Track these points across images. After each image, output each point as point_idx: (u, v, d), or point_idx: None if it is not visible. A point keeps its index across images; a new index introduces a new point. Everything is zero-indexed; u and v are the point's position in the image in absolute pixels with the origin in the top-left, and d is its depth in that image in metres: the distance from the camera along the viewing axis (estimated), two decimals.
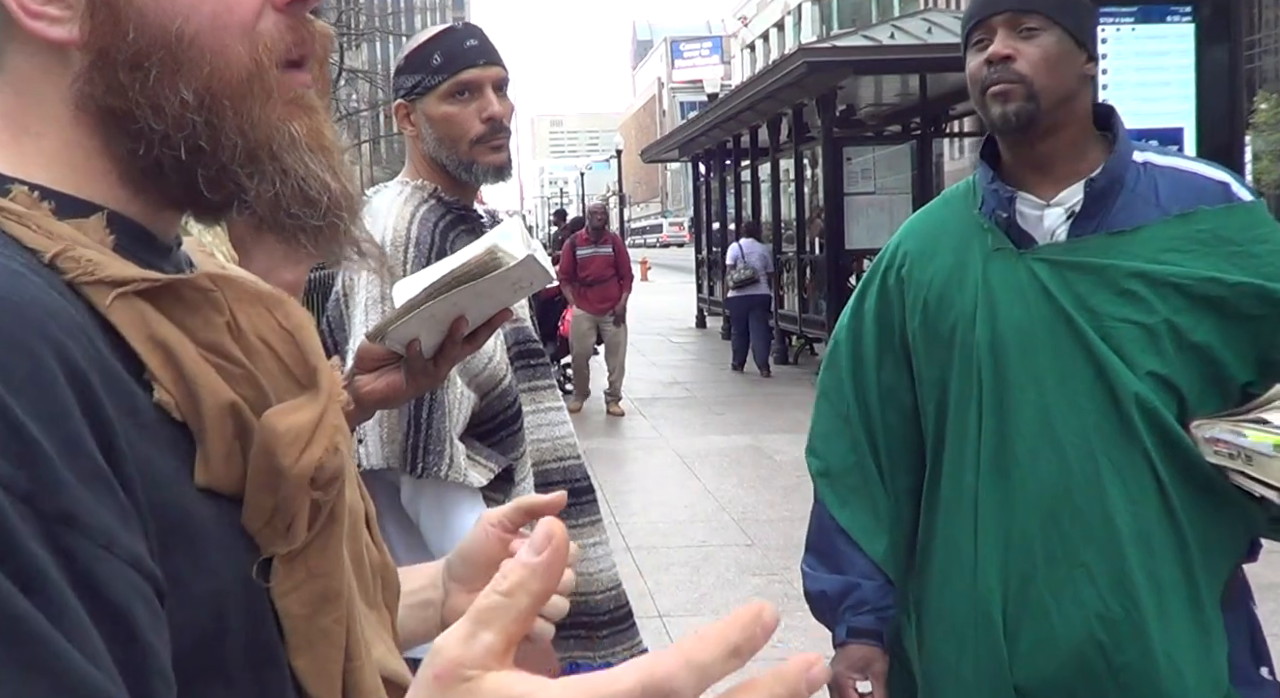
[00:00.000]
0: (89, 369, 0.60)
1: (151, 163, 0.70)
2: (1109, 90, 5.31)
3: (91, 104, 0.69)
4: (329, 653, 0.72)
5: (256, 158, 0.71)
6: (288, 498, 0.69)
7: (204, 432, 0.66)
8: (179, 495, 0.64)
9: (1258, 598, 1.83)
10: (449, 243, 1.95)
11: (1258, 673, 1.73)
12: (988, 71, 1.69)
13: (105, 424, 0.60)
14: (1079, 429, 1.67)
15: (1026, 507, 1.70)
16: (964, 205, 1.85)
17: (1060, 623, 1.67)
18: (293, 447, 0.68)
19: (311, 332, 0.75)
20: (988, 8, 1.72)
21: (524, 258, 1.36)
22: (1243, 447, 1.56)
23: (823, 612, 1.91)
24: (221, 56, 0.70)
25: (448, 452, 1.85)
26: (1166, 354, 1.65)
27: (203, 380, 0.66)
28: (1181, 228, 1.67)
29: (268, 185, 0.71)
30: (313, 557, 0.71)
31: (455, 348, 1.47)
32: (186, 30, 0.69)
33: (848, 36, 14.37)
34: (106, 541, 0.57)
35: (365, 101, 34.93)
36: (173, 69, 0.69)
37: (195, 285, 0.68)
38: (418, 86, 2.02)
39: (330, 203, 0.73)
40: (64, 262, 0.64)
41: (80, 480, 0.57)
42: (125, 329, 0.64)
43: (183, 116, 0.69)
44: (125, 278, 0.65)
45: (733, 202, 18.31)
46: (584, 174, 77.57)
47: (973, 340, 1.74)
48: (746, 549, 6.03)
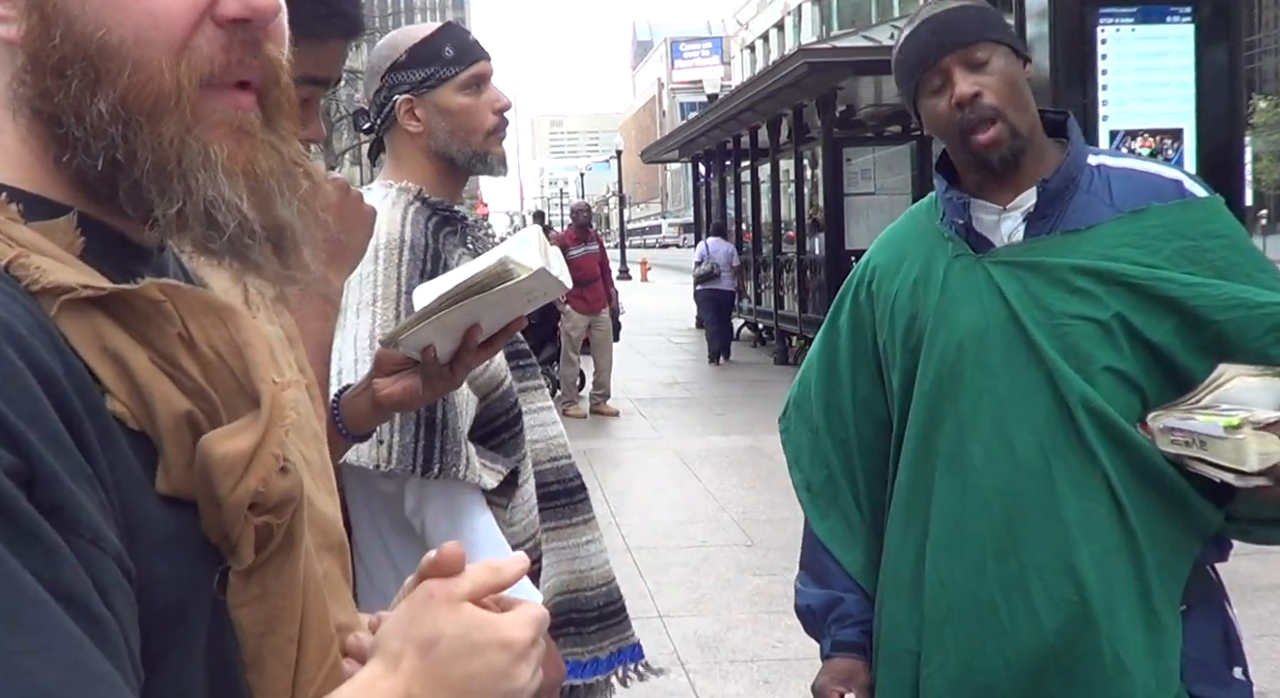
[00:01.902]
0: (55, 369, 0.60)
1: (75, 171, 0.69)
2: (1109, 90, 5.31)
3: (25, 106, 0.69)
4: (278, 671, 0.73)
5: (165, 174, 0.70)
6: (229, 524, 0.68)
7: (161, 441, 0.66)
8: (143, 501, 0.64)
9: (1257, 599, 1.83)
10: (441, 243, 1.95)
11: (1229, 673, 1.73)
12: (961, 114, 1.70)
13: (78, 422, 0.60)
14: (1031, 429, 1.69)
15: (978, 506, 1.71)
16: (927, 217, 1.88)
17: (1009, 620, 1.69)
18: (228, 476, 0.67)
19: (260, 348, 0.73)
20: (937, 49, 1.72)
21: (537, 270, 1.37)
22: (1195, 432, 1.56)
23: (810, 626, 1.96)
24: (141, 70, 0.68)
25: (464, 451, 1.84)
26: (1122, 349, 1.66)
27: (157, 391, 0.66)
28: (1133, 224, 1.70)
29: (173, 203, 0.70)
30: (269, 575, 0.71)
31: (470, 354, 1.49)
32: (109, 41, 0.68)
33: (848, 37, 14.38)
34: (94, 535, 0.58)
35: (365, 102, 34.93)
36: (93, 79, 0.68)
37: (144, 296, 0.67)
38: (429, 79, 1.99)
39: (239, 228, 0.71)
40: (15, 269, 0.63)
41: (69, 475, 0.57)
42: (75, 339, 0.63)
43: (100, 127, 0.68)
44: (66, 286, 0.64)
45: (733, 202, 18.31)
46: (584, 174, 77.63)
47: (933, 345, 1.77)
48: (746, 549, 6.03)
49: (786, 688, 4.23)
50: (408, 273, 1.87)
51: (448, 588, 0.74)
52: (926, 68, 1.73)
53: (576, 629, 2.18)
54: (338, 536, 0.89)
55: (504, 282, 1.36)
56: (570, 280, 1.47)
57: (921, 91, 1.75)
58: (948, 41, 1.71)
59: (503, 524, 1.92)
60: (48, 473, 0.56)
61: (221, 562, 0.69)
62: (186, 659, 0.67)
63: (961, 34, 1.71)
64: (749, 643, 4.66)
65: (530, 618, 0.75)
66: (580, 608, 2.18)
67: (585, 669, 2.18)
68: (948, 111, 1.72)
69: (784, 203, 15.58)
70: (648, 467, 8.54)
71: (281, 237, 0.74)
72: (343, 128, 30.32)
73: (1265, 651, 4.31)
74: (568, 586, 2.16)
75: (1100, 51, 5.32)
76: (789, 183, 15.47)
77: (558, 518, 2.15)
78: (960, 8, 1.74)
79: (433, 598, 0.73)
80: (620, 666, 2.23)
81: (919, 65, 1.74)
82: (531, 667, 0.74)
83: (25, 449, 0.55)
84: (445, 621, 0.72)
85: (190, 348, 0.69)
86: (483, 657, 0.72)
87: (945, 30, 1.72)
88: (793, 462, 2.01)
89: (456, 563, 0.75)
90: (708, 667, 4.45)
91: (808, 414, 1.98)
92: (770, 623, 4.83)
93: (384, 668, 0.72)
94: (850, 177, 13.25)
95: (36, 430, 0.56)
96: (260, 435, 0.69)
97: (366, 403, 1.55)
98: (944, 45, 1.71)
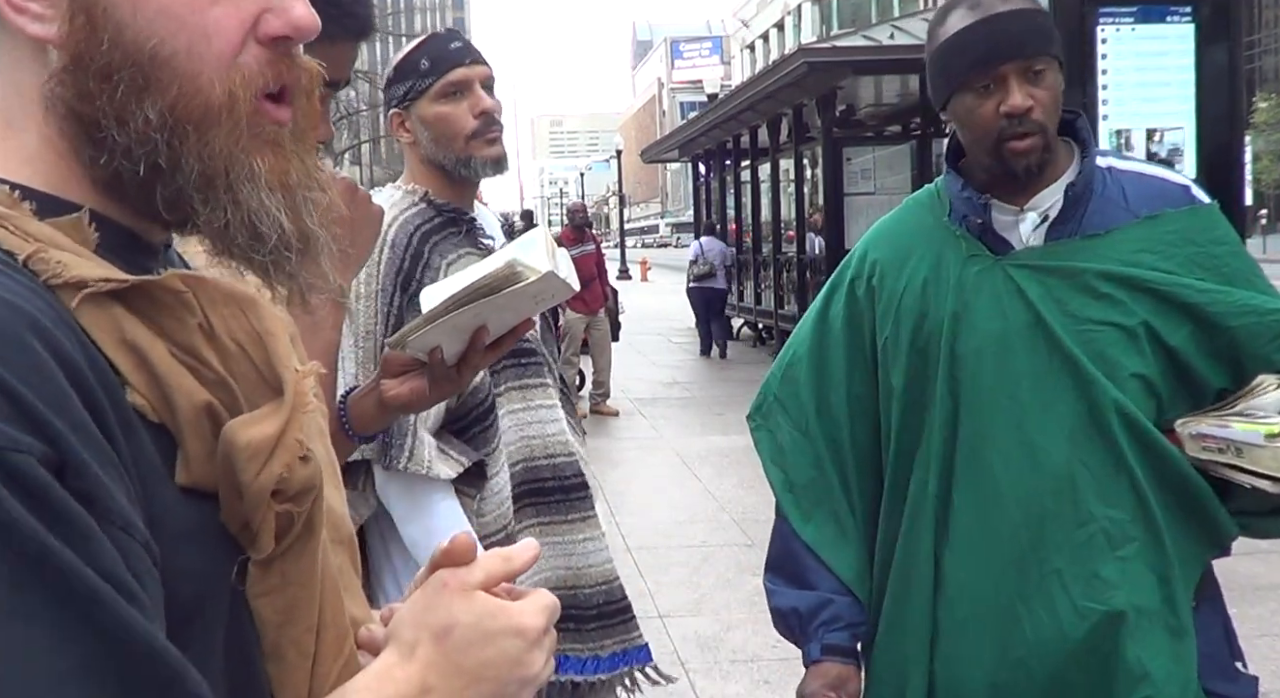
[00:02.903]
0: (79, 360, 0.60)
1: (112, 173, 0.70)
2: (1109, 90, 5.31)
3: (61, 105, 0.70)
4: (297, 661, 0.73)
5: (212, 185, 0.71)
6: (251, 511, 0.69)
7: (181, 433, 0.66)
8: (163, 491, 0.65)
9: (1257, 599, 1.84)
10: (428, 245, 2.02)
11: (1234, 667, 1.73)
12: (1006, 123, 1.66)
13: (101, 412, 0.60)
14: (1053, 435, 1.67)
15: (998, 514, 1.70)
16: (931, 213, 1.84)
17: (1031, 629, 1.68)
18: (252, 462, 0.68)
19: (281, 337, 0.75)
20: (997, 54, 1.67)
21: (544, 273, 1.37)
22: (1231, 440, 1.57)
23: (792, 629, 1.87)
24: (192, 82, 0.70)
25: (407, 445, 1.91)
26: (1146, 355, 1.66)
27: (176, 383, 0.66)
28: (1151, 230, 1.70)
29: (219, 214, 0.72)
30: (288, 564, 0.72)
31: (478, 356, 1.49)
32: (161, 52, 0.69)
33: (848, 37, 14.38)
34: (124, 522, 0.58)
35: (365, 102, 34.94)
36: (141, 86, 0.69)
37: (166, 286, 0.68)
38: (409, 92, 2.08)
39: (279, 241, 0.74)
40: (35, 263, 0.64)
41: (98, 463, 0.58)
42: (95, 332, 0.64)
43: (145, 134, 0.69)
44: (89, 279, 0.65)
45: (733, 202, 18.31)
46: (584, 174, 77.58)
47: (949, 349, 1.74)
48: (746, 549, 6.03)
49: (786, 688, 4.22)
50: (384, 271, 1.97)
51: (460, 577, 0.75)
52: (980, 68, 1.68)
53: (575, 625, 2.18)
54: (347, 530, 0.90)
55: (512, 284, 1.36)
56: (578, 283, 1.48)
57: (965, 87, 1.70)
58: (1012, 50, 1.66)
59: (471, 514, 2.00)
60: (77, 461, 0.57)
61: (240, 553, 0.70)
62: (207, 652, 0.67)
63: (1026, 45, 1.66)
64: (749, 643, 4.66)
65: (542, 606, 0.77)
66: (579, 605, 2.19)
67: (585, 666, 2.18)
68: (992, 116, 1.67)
69: (784, 202, 15.58)
70: (647, 466, 8.53)
71: (308, 247, 0.76)
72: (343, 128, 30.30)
73: (1265, 650, 4.30)
74: (564, 581, 2.17)
75: (1100, 51, 5.32)
76: (789, 182, 15.47)
77: (551, 513, 2.16)
78: (1020, 11, 1.68)
79: (446, 587, 0.75)
80: (626, 668, 2.24)
81: (972, 65, 1.68)
82: (544, 654, 0.76)
83: (55, 438, 0.56)
84: (459, 609, 0.74)
85: (211, 338, 0.69)
86: (497, 644, 0.73)
87: (1008, 36, 1.66)
88: (769, 460, 1.93)
89: (468, 552, 0.76)
90: (708, 667, 4.45)
91: (795, 412, 1.91)
92: (770, 623, 4.83)
93: (399, 657, 0.73)
94: (850, 176, 13.25)
95: (64, 420, 0.57)
96: (284, 422, 0.70)
97: (373, 404, 1.56)
98: (1006, 52, 1.66)
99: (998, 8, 1.68)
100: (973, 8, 1.69)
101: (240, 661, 0.71)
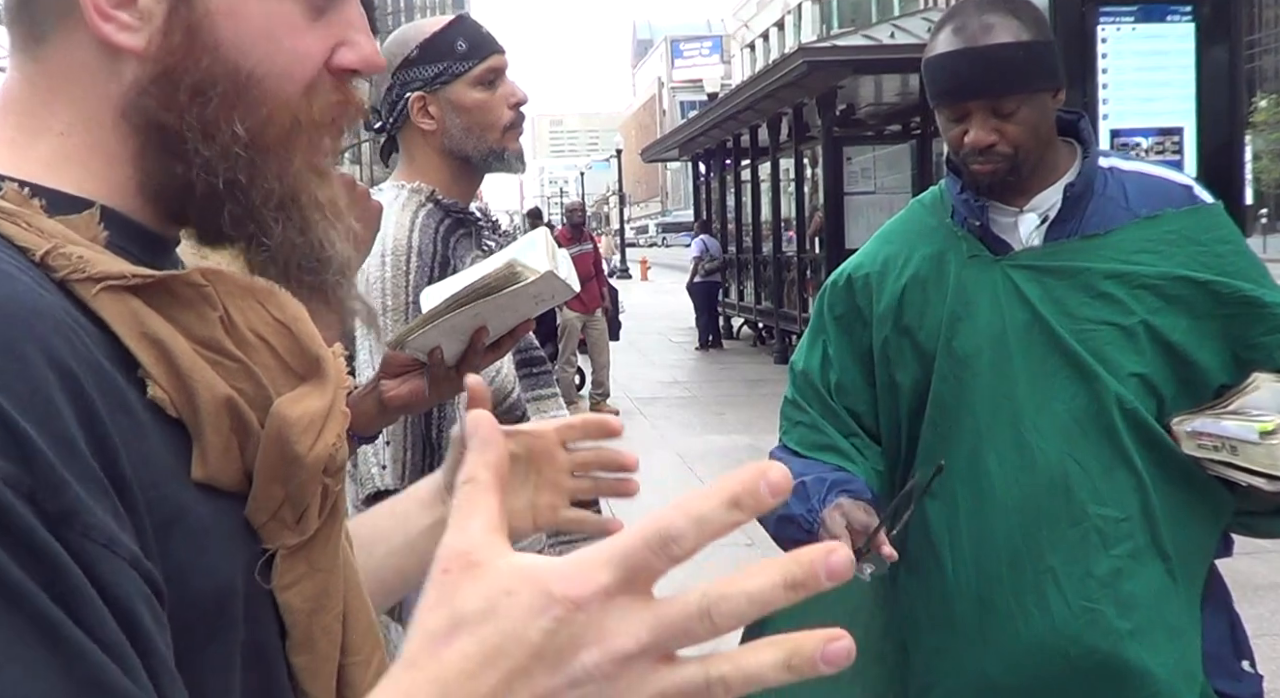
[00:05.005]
0: (78, 367, 0.59)
1: (186, 184, 0.71)
2: (1109, 90, 5.31)
3: (140, 116, 0.70)
4: (328, 651, 0.73)
5: (286, 207, 0.73)
6: (301, 486, 0.69)
7: (200, 427, 0.66)
8: (176, 491, 0.64)
9: (1257, 598, 1.84)
10: (450, 249, 1.90)
11: (1238, 666, 1.73)
12: (968, 150, 1.70)
13: (97, 422, 0.59)
14: (1049, 434, 1.68)
15: (994, 513, 1.70)
16: (934, 214, 1.85)
17: (1025, 629, 1.68)
18: (306, 434, 0.69)
19: (308, 322, 0.75)
20: (962, 92, 1.68)
21: (544, 273, 1.37)
22: (1227, 437, 1.57)
23: (801, 500, 1.73)
24: (282, 104, 0.72)
25: None
26: (1145, 355, 1.67)
27: (198, 376, 0.66)
28: (1151, 229, 1.70)
29: (292, 235, 0.73)
30: (315, 550, 0.72)
31: (477, 357, 1.49)
32: (257, 72, 0.71)
33: (848, 36, 14.37)
34: (107, 539, 0.57)
35: (365, 101, 35.01)
36: (233, 103, 0.70)
37: (187, 281, 0.68)
38: (442, 75, 1.92)
39: (336, 266, 0.75)
40: (54, 259, 0.63)
41: (78, 480, 0.56)
42: (116, 326, 0.64)
43: (230, 149, 0.70)
44: (115, 274, 0.65)
45: (733, 201, 18.30)
46: (584, 174, 77.57)
47: (948, 349, 1.75)
48: (746, 549, 6.03)
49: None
50: (415, 281, 1.83)
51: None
52: (947, 101, 1.70)
53: None
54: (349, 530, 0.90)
55: (512, 284, 1.36)
56: (578, 283, 1.47)
57: (940, 110, 1.74)
58: (978, 88, 1.66)
59: None
60: (54, 480, 0.55)
61: (258, 548, 0.69)
62: (227, 652, 0.67)
63: (996, 84, 1.66)
64: None
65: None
66: None
67: None
68: (958, 140, 1.71)
69: (784, 202, 15.58)
70: (647, 466, 8.48)
71: (351, 271, 0.78)
72: None
73: (1266, 650, 4.30)
74: None
75: (1100, 50, 5.32)
76: (789, 182, 15.47)
77: None
78: (1002, 45, 1.66)
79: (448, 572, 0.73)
80: None
81: (940, 96, 1.71)
82: None
83: (30, 455, 0.55)
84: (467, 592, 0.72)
85: (232, 331, 0.70)
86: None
87: (978, 73, 1.66)
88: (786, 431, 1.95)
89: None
90: None
91: (814, 401, 1.91)
92: None
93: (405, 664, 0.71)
94: (850, 175, 13.24)
95: (45, 434, 0.56)
96: (332, 397, 0.72)
97: (373, 404, 1.55)
98: (971, 91, 1.67)
99: (979, 39, 1.66)
100: (958, 31, 1.69)
101: (258, 661, 0.70)
